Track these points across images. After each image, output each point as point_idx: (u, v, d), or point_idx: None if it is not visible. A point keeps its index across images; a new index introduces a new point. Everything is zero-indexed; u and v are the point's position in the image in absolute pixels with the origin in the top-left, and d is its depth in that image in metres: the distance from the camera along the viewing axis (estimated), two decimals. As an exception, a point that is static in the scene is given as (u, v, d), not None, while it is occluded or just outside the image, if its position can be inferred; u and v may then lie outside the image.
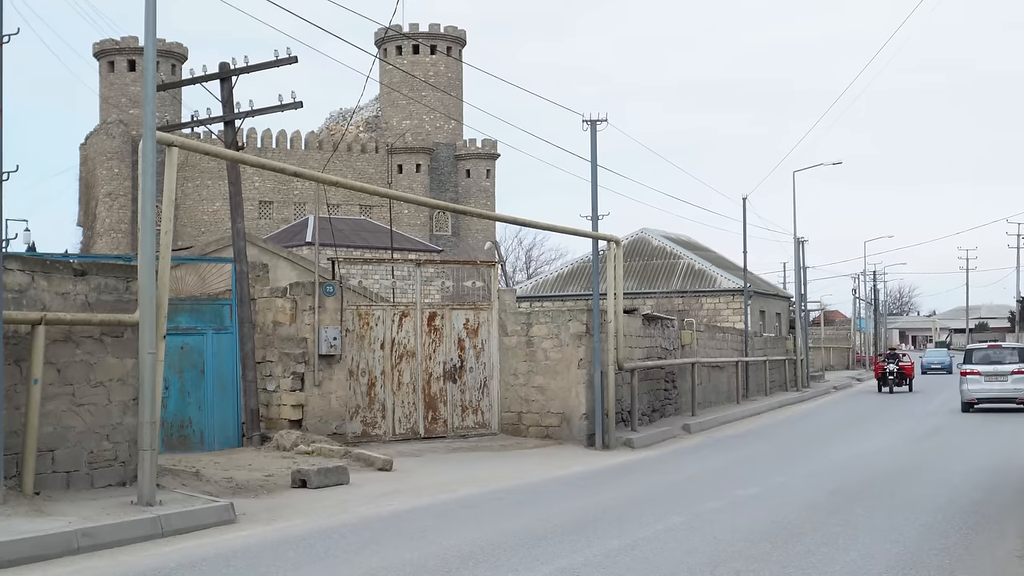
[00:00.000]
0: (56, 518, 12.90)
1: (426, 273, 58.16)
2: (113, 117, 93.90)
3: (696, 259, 58.91)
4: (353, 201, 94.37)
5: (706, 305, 55.63)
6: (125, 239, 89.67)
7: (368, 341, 24.20)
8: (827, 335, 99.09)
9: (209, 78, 23.25)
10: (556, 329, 25.55)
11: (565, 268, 63.02)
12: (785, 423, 33.54)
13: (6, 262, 14.14)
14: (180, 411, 21.95)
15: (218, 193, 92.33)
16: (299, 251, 53.37)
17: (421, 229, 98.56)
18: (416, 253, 74.41)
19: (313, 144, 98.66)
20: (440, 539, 12.90)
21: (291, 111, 23.41)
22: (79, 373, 15.15)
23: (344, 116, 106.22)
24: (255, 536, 13.13)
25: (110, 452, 15.47)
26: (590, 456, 23.15)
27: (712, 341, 39.20)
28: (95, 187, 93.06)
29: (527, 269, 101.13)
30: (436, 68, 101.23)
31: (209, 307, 22.98)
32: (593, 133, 26.06)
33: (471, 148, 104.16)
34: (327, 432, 22.95)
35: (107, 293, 15.55)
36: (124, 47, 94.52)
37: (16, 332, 14.21)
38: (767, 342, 51.31)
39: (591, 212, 25.80)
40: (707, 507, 15.32)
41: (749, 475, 19.51)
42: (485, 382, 25.96)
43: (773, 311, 63.05)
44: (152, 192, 14.47)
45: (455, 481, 18.47)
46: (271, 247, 35.96)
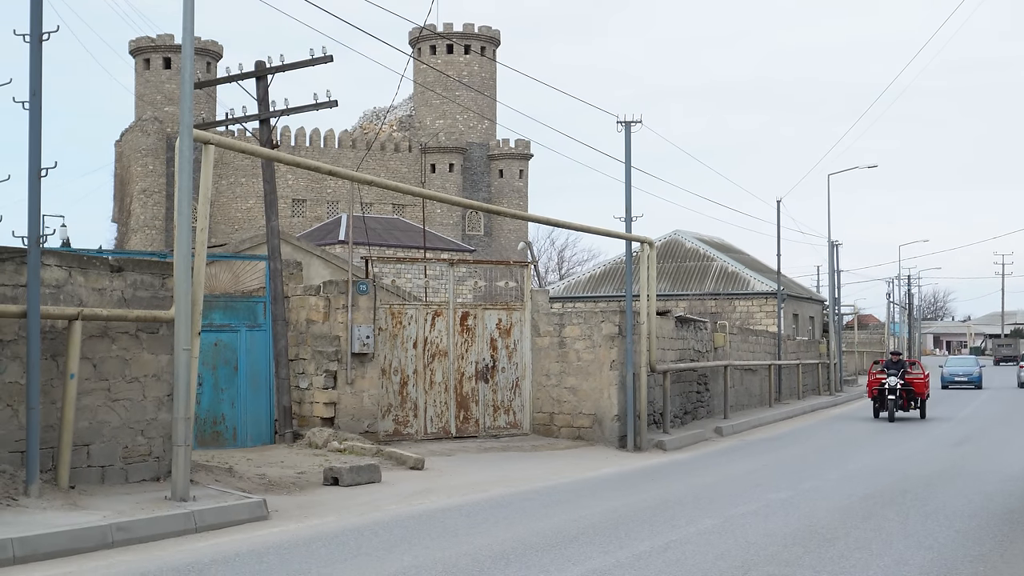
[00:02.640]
0: (91, 512, 12.99)
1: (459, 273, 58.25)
2: (148, 114, 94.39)
3: (729, 261, 58.70)
4: (386, 200, 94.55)
5: (739, 308, 55.41)
6: (159, 236, 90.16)
7: (401, 340, 24.25)
8: (861, 339, 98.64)
9: (245, 76, 23.36)
10: (589, 330, 25.52)
11: (598, 269, 62.92)
12: (817, 427, 33.38)
13: (44, 258, 14.24)
14: (214, 407, 22.06)
15: (252, 191, 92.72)
16: (332, 249, 53.52)
17: (454, 229, 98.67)
18: (449, 253, 74.54)
19: (347, 143, 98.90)
20: (471, 538, 12.91)
21: (325, 110, 23.49)
22: (115, 368, 15.25)
23: (378, 115, 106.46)
24: (287, 533, 13.18)
25: (144, 447, 15.56)
26: (621, 458, 23.12)
27: (745, 344, 39.06)
28: (130, 184, 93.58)
29: (560, 270, 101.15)
30: (470, 68, 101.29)
31: (243, 304, 23.07)
32: (627, 134, 26.02)
33: (504, 148, 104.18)
34: (359, 430, 23.01)
35: (143, 289, 15.65)
36: (160, 45, 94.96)
37: (53, 327, 14.32)
38: (800, 345, 51.08)
39: (624, 213, 25.78)
40: (739, 510, 15.27)
41: (781, 479, 19.43)
42: (517, 382, 25.97)
43: (806, 314, 62.77)
44: (188, 189, 14.55)
45: (486, 481, 18.48)
46: (304, 245, 36.07)
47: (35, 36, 13.84)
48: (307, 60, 22.92)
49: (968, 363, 64.65)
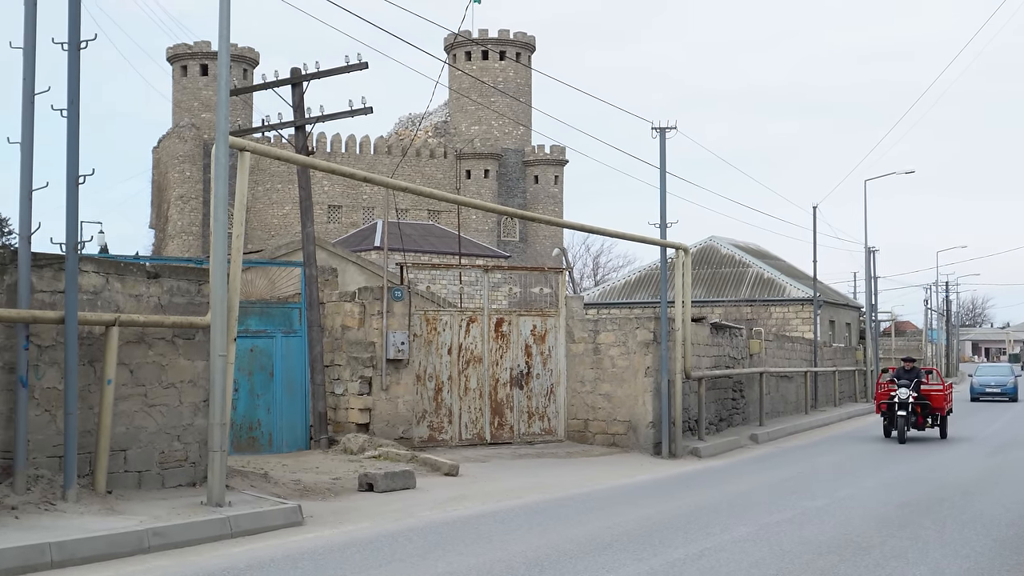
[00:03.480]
0: (127, 517, 13.07)
1: (493, 279, 58.22)
2: (185, 121, 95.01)
3: (765, 268, 58.46)
4: (421, 206, 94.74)
5: (775, 314, 55.17)
6: (196, 242, 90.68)
7: (435, 346, 24.28)
8: (898, 346, 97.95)
9: (281, 83, 23.47)
10: (623, 336, 25.48)
11: (633, 275, 62.80)
12: (854, 434, 33.18)
13: (81, 264, 14.35)
14: (249, 413, 22.16)
15: (288, 197, 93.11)
16: (367, 255, 53.67)
17: (489, 235, 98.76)
18: (484, 259, 74.51)
19: (382, 149, 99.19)
20: (506, 545, 12.91)
21: (361, 116, 23.56)
22: (151, 374, 15.34)
23: (413, 121, 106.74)
24: (322, 539, 13.21)
25: (181, 453, 15.65)
26: (656, 465, 23.06)
27: (781, 351, 38.91)
28: (167, 190, 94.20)
29: (595, 276, 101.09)
30: (505, 74, 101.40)
31: (278, 310, 23.17)
32: (662, 140, 25.97)
33: (539, 154, 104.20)
34: (394, 436, 23.05)
35: (179, 295, 15.74)
36: (197, 51, 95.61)
37: (91, 333, 14.42)
38: (836, 352, 50.83)
39: (660, 219, 25.73)
40: (774, 518, 15.20)
41: (817, 486, 19.33)
42: (552, 389, 25.95)
43: (843, 321, 62.42)
44: (224, 196, 14.63)
45: (521, 487, 18.47)
46: (340, 251, 36.19)
47: (73, 44, 13.96)
48: (342, 67, 23.01)
49: (1002, 372, 58.12)
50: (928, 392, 29.95)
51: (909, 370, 29.93)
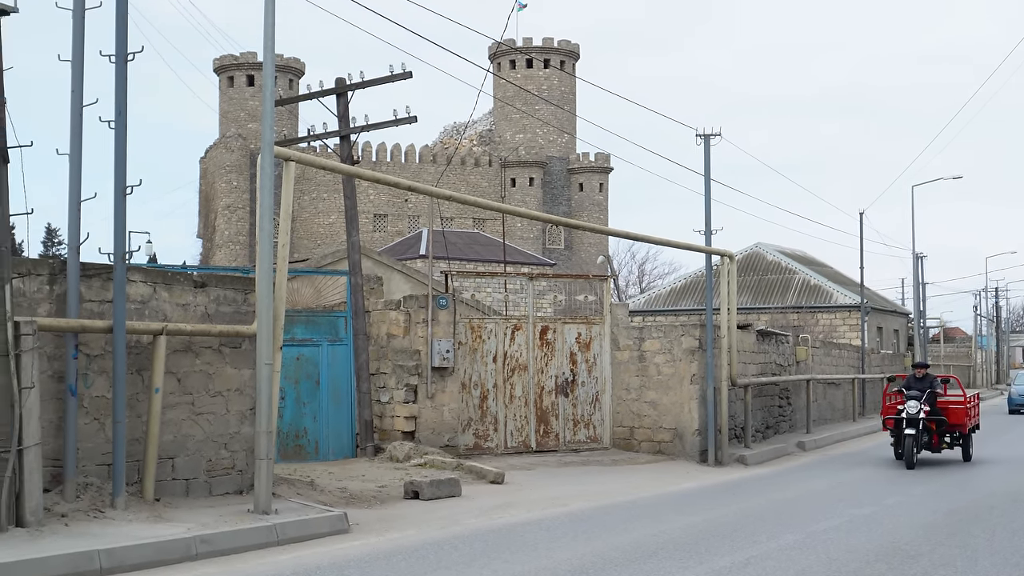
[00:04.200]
0: (175, 524, 13.18)
1: (538, 287, 58.28)
2: (232, 131, 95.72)
3: (811, 274, 58.18)
4: (467, 215, 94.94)
5: (822, 321, 54.88)
6: (243, 251, 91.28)
7: (480, 354, 24.32)
8: (947, 352, 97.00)
9: (325, 93, 23.59)
10: (669, 344, 25.41)
11: (678, 282, 62.66)
12: (902, 442, 32.88)
13: (129, 274, 14.49)
14: (296, 421, 22.28)
15: (334, 206, 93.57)
16: (413, 264, 53.85)
17: (534, 243, 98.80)
18: (529, 267, 74.65)
19: (427, 158, 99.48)
20: (551, 553, 12.90)
21: (405, 125, 23.63)
22: (198, 383, 15.46)
23: (458, 130, 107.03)
24: (368, 546, 13.26)
25: (228, 460, 15.76)
26: (702, 472, 22.97)
27: (828, 358, 38.66)
28: (214, 200, 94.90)
29: (640, 283, 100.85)
30: (549, 82, 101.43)
31: (324, 319, 23.29)
32: (706, 147, 25.89)
33: (584, 162, 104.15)
34: (439, 444, 23.10)
35: (226, 304, 15.85)
36: (243, 62, 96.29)
37: (138, 342, 14.56)
38: (884, 359, 50.44)
39: (704, 226, 25.64)
40: (820, 526, 15.11)
41: (864, 494, 19.19)
42: (597, 396, 25.92)
43: (891, 327, 62.00)
44: (270, 206, 14.73)
45: (566, 495, 18.46)
46: (385, 260, 36.33)
47: (120, 57, 14.11)
48: (387, 76, 23.10)
49: None
50: (945, 405, 24.98)
51: (921, 378, 24.72)
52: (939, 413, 24.39)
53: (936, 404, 24.35)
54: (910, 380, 24.91)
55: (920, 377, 24.78)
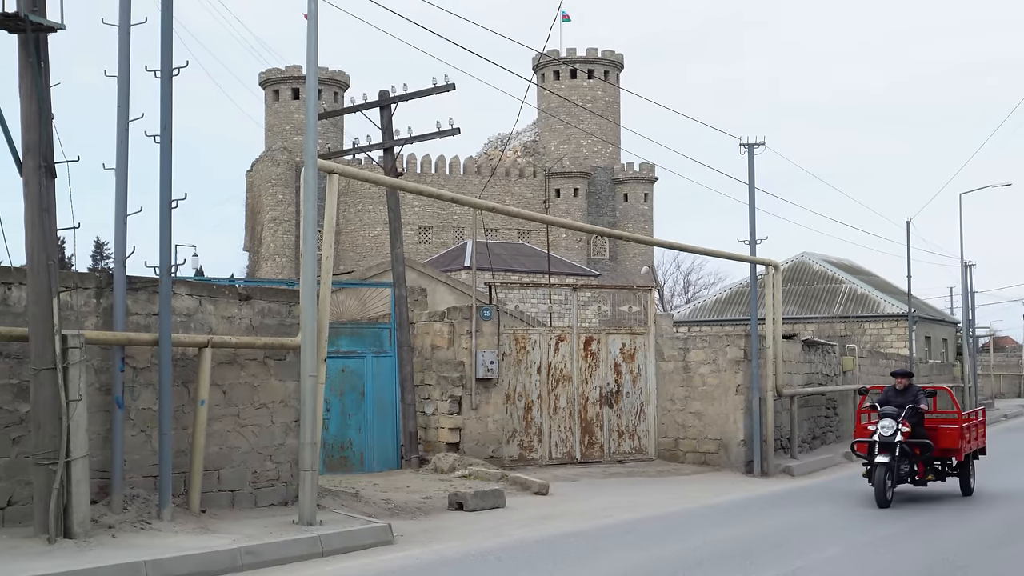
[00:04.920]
0: (221, 535, 13.25)
1: (583, 298, 58.17)
2: (278, 144, 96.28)
3: (858, 283, 57.76)
4: (511, 226, 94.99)
5: (869, 331, 54.47)
6: (289, 263, 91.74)
7: (524, 365, 24.32)
8: (997, 362, 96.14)
9: (369, 106, 23.70)
10: (713, 354, 25.32)
11: (724, 293, 62.41)
12: (951, 452, 32.56)
13: (175, 287, 14.62)
14: (341, 433, 22.35)
15: (379, 218, 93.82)
16: (457, 275, 53.91)
17: (579, 253, 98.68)
18: (573, 277, 74.56)
19: (472, 169, 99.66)
20: (595, 564, 12.88)
21: (449, 137, 23.69)
22: (243, 395, 15.55)
23: (503, 141, 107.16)
24: (412, 557, 13.28)
25: (272, 472, 15.83)
26: (748, 483, 22.86)
27: (875, 367, 38.38)
28: (260, 213, 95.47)
29: (685, 293, 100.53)
30: (593, 92, 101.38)
31: (369, 331, 23.36)
32: (751, 157, 25.82)
33: (628, 172, 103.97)
34: (484, 455, 23.11)
35: (270, 317, 15.95)
36: (288, 76, 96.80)
37: (184, 354, 14.67)
38: (932, 369, 50.02)
39: (749, 236, 25.56)
40: (866, 537, 15.00)
41: (914, 504, 19.02)
42: (642, 407, 25.85)
43: (939, 337, 61.44)
44: (313, 218, 14.81)
45: (611, 506, 18.41)
46: (429, 271, 36.42)
47: (165, 72, 14.25)
48: (430, 89, 23.17)
49: None
50: (934, 425, 20.07)
51: (902, 390, 19.69)
52: (923, 436, 19.21)
53: (923, 423, 19.38)
54: (888, 393, 19.80)
55: (901, 389, 19.66)
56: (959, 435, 19.87)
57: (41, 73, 12.73)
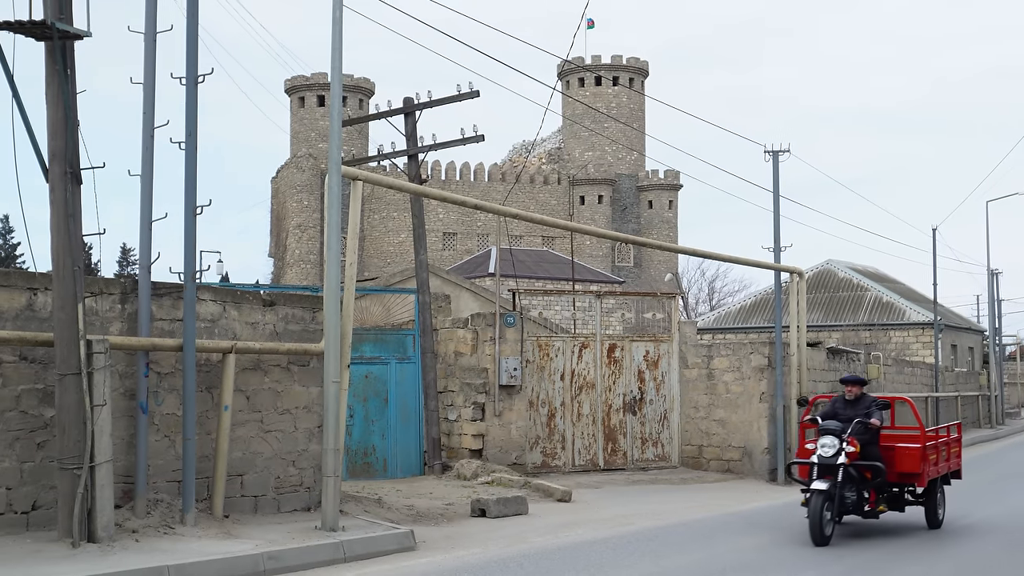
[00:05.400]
0: (243, 541, 13.29)
1: (607, 305, 58.15)
2: (303, 151, 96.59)
3: (884, 291, 57.52)
4: (536, 232, 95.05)
5: (894, 339, 54.23)
6: (314, 270, 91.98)
7: (548, 372, 24.32)
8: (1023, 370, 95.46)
9: (393, 113, 23.77)
10: (737, 362, 25.27)
11: (748, 300, 62.24)
12: (978, 460, 32.37)
13: (199, 293, 14.68)
14: (364, 439, 22.40)
15: (404, 224, 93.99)
16: (481, 282, 53.96)
17: (603, 260, 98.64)
18: (597, 284, 74.50)
19: (496, 176, 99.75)
20: (617, 571, 12.86)
21: (475, 144, 23.74)
22: (267, 400, 15.60)
23: (527, 148, 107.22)
24: (434, 564, 13.28)
25: (296, 478, 15.87)
26: (772, 491, 22.78)
27: (900, 376, 38.22)
28: (285, 219, 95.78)
29: (710, 300, 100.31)
30: (618, 100, 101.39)
31: (393, 337, 23.41)
32: (775, 164, 25.78)
33: (653, 179, 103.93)
34: (507, 462, 23.11)
35: (294, 323, 16.00)
36: (314, 83, 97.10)
37: (208, 360, 14.73)
38: (958, 377, 49.77)
39: (773, 243, 25.51)
40: (895, 546, 14.91)
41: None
42: (665, 414, 25.81)
43: (965, 345, 61.11)
44: (337, 225, 14.86)
45: (634, 514, 18.38)
46: (453, 278, 36.46)
47: (191, 79, 14.31)
48: (454, 96, 23.22)
49: None
50: (891, 444, 16.59)
51: (852, 401, 16.37)
52: (877, 455, 15.80)
53: (877, 441, 16.05)
54: (835, 404, 16.46)
55: (851, 399, 16.33)
56: (921, 456, 16.22)
57: (67, 80, 12.81)
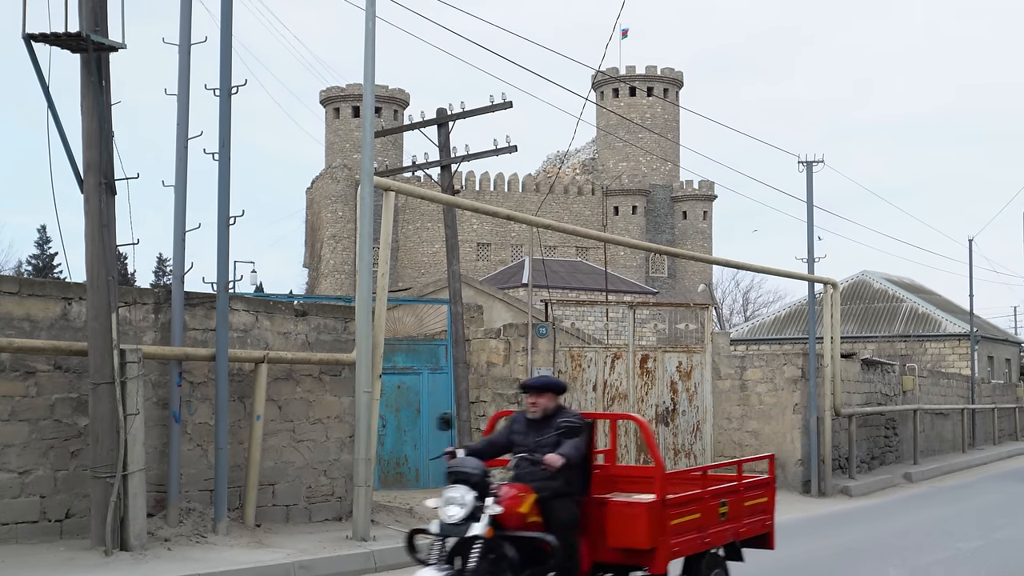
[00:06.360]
0: (275, 550, 13.34)
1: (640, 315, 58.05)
2: (337, 162, 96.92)
3: (919, 302, 57.19)
4: (569, 243, 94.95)
5: (930, 350, 53.89)
6: (348, 280, 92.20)
7: (580, 383, 24.29)
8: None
9: (426, 124, 23.82)
10: (771, 373, 25.17)
11: (783, 311, 62.00)
12: (1015, 474, 32.13)
13: (232, 303, 14.75)
14: (396, 449, 22.43)
15: (437, 235, 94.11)
16: (515, 292, 53.99)
17: (637, 271, 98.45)
18: (631, 295, 74.34)
19: (530, 186, 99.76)
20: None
21: (508, 154, 23.75)
22: (298, 410, 15.66)
23: (561, 158, 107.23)
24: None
25: (327, 487, 15.92)
26: (805, 503, 22.66)
27: (936, 387, 37.94)
28: (320, 230, 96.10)
29: (744, 311, 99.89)
30: (652, 110, 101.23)
31: (425, 347, 23.45)
32: (809, 175, 25.69)
33: (688, 190, 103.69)
34: (539, 473, 23.06)
35: (326, 333, 16.06)
36: (349, 94, 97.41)
37: (240, 370, 14.80)
38: (995, 389, 49.36)
39: (807, 254, 25.42)
40: (925, 559, 14.82)
41: (973, 527, 18.76)
42: (698, 425, 25.72)
43: (1002, 357, 60.64)
44: (369, 235, 14.91)
45: (665, 525, 18.27)
46: (487, 288, 36.50)
47: (224, 90, 14.42)
48: (487, 107, 23.25)
49: None
50: (605, 499, 10.00)
51: (540, 420, 9.73)
52: (563, 518, 9.36)
53: (583, 490, 9.75)
54: (512, 426, 9.92)
55: (537, 419, 9.77)
56: (653, 517, 9.55)
57: (102, 92, 12.93)
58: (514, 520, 8.94)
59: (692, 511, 10.14)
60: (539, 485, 9.30)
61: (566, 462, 9.20)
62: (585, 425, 9.61)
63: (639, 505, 9.68)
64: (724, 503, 10.67)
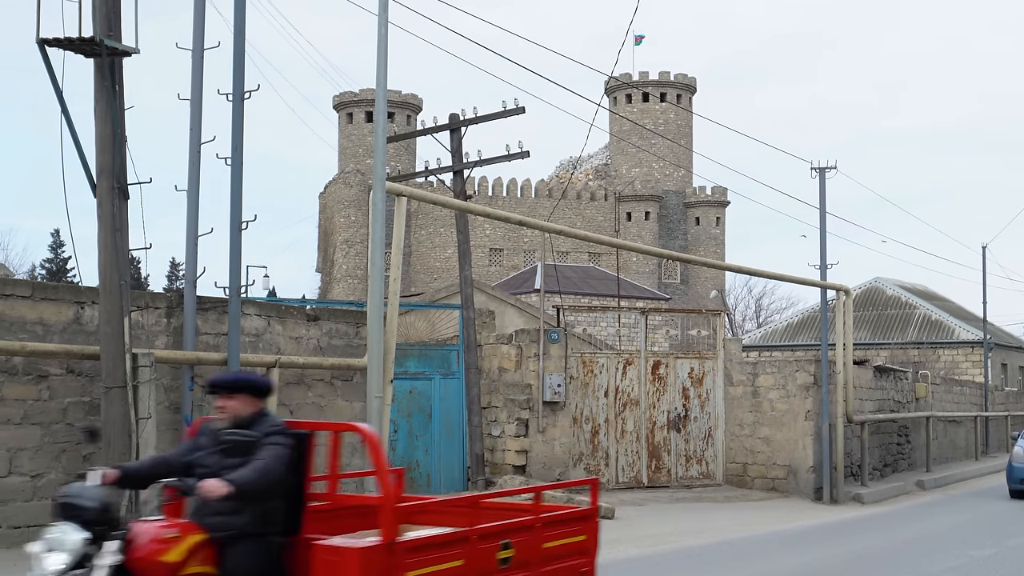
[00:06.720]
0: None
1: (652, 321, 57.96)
2: (351, 167, 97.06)
3: (933, 309, 57.02)
4: (582, 249, 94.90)
5: (943, 357, 53.72)
6: (361, 285, 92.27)
7: (592, 389, 24.28)
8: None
9: (439, 129, 23.87)
10: (783, 379, 25.12)
11: (795, 317, 61.88)
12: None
13: (244, 307, 14.78)
14: (408, 454, 22.42)
15: (450, 240, 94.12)
16: (527, 298, 53.94)
17: (649, 277, 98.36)
18: (643, 301, 74.29)
19: (543, 192, 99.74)
20: (658, 590, 12.78)
21: (520, 160, 23.78)
22: (310, 414, 15.66)
23: (574, 164, 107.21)
24: (475, 580, 13.23)
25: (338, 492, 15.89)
26: (817, 510, 22.62)
27: (949, 395, 37.85)
28: (333, 234, 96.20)
29: (757, 318, 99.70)
30: (665, 116, 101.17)
31: (437, 352, 23.45)
32: (822, 181, 25.65)
33: (700, 196, 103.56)
34: (550, 478, 23.06)
35: (337, 338, 16.07)
36: (362, 99, 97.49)
37: (252, 374, 14.80)
38: (1009, 397, 49.20)
39: (820, 261, 25.38)
40: (937, 567, 14.78)
41: (986, 535, 18.70)
42: (710, 432, 25.68)
43: (1016, 364, 60.42)
44: (381, 240, 14.91)
45: (677, 531, 18.30)
46: (499, 294, 36.50)
47: (237, 95, 14.45)
48: (499, 112, 23.29)
49: None
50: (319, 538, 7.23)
51: (226, 449, 7.08)
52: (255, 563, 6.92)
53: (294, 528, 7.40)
54: (198, 440, 7.39)
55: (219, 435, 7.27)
56: (370, 568, 6.86)
57: (115, 96, 12.97)
58: (158, 573, 6.48)
59: (448, 557, 7.34)
60: (214, 522, 6.83)
61: (234, 491, 6.66)
62: (288, 439, 7.17)
63: (351, 551, 6.85)
64: (506, 545, 7.86)
